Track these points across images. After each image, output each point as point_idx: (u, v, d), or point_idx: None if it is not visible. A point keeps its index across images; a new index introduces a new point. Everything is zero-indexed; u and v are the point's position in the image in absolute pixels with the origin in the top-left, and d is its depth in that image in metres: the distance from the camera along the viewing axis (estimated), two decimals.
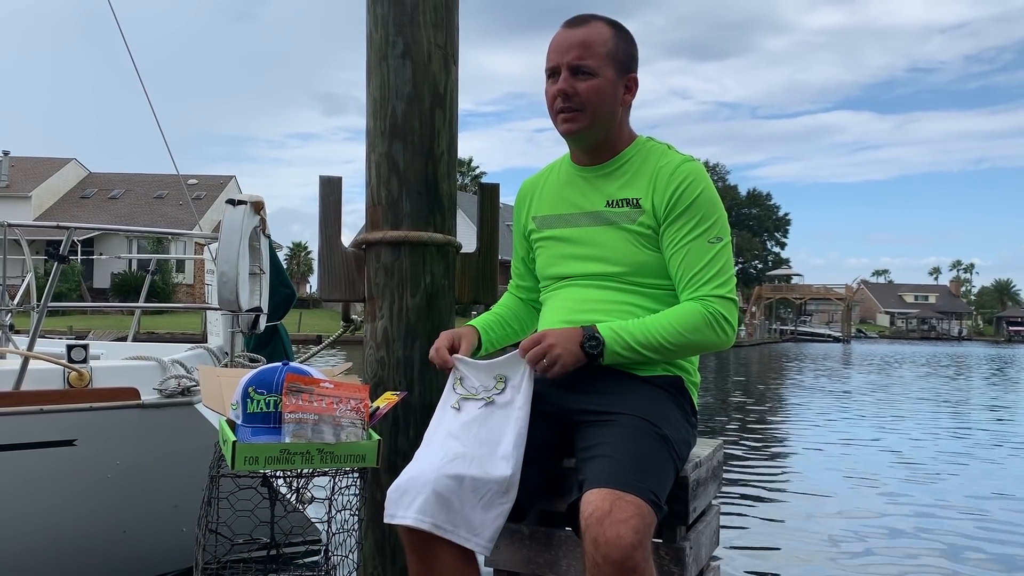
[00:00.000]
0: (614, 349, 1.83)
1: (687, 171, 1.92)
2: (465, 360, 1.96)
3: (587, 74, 1.91)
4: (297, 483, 2.11)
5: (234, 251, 3.36)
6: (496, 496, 1.74)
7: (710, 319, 1.86)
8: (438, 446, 1.81)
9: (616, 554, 1.52)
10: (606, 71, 1.92)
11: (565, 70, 1.92)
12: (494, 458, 1.77)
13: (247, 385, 1.92)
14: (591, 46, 1.91)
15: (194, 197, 40.07)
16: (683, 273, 1.90)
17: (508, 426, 1.82)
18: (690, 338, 1.85)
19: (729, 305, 1.89)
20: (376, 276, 2.44)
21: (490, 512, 1.73)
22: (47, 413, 3.30)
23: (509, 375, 1.89)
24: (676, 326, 1.85)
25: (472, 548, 1.73)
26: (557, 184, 2.11)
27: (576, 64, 1.91)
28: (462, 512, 1.72)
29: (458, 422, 1.85)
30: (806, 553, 4.80)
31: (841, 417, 12.25)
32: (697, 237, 1.90)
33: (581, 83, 1.92)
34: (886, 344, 70.46)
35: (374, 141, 2.46)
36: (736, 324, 1.92)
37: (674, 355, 1.90)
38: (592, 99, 1.92)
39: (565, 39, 1.94)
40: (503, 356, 1.94)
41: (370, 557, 2.39)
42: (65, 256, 3.67)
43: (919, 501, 6.35)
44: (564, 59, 1.92)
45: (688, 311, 1.87)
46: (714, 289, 1.88)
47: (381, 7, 2.44)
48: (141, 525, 3.71)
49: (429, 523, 1.70)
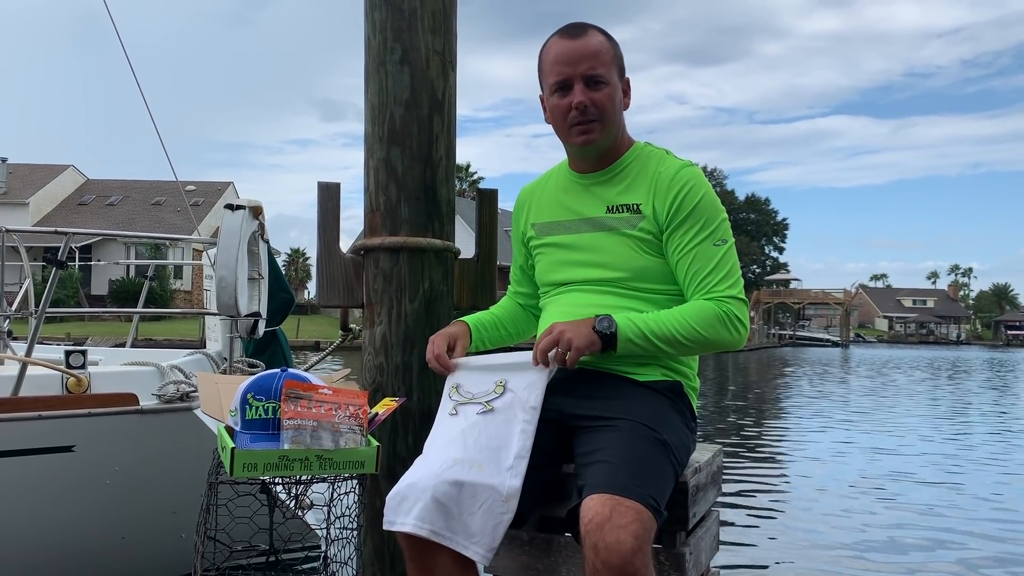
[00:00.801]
0: (627, 336, 1.82)
1: (686, 176, 1.93)
2: (464, 363, 1.95)
3: (601, 83, 1.91)
4: (296, 490, 2.10)
5: (233, 256, 3.36)
6: (495, 505, 1.73)
7: (724, 317, 1.86)
8: (437, 453, 1.81)
9: (616, 560, 1.51)
10: (613, 77, 1.94)
11: (579, 82, 1.90)
12: (496, 466, 1.76)
13: (246, 391, 1.91)
14: (599, 55, 1.91)
15: (192, 203, 40.05)
16: (692, 277, 1.90)
17: (513, 435, 1.80)
18: (704, 335, 1.85)
19: (741, 305, 1.89)
20: (375, 282, 2.44)
21: (489, 520, 1.72)
22: (45, 419, 3.29)
23: (510, 381, 1.88)
24: (691, 321, 1.85)
25: (470, 556, 1.71)
26: (556, 191, 2.11)
27: (590, 75, 1.90)
28: (460, 519, 1.71)
29: (457, 428, 1.85)
30: (806, 558, 4.80)
31: (840, 421, 12.25)
32: (703, 241, 1.90)
33: (596, 93, 1.91)
34: (884, 348, 70.51)
35: (372, 147, 2.46)
36: (748, 324, 1.92)
37: (686, 350, 1.89)
38: (607, 108, 1.92)
39: (572, 51, 1.91)
40: (507, 356, 1.92)
41: (369, 563, 2.38)
42: (63, 262, 3.66)
43: (919, 505, 6.35)
44: (577, 71, 1.90)
45: (703, 308, 1.86)
46: (727, 290, 1.88)
47: (380, 13, 2.44)
48: (140, 531, 3.70)
49: (428, 530, 1.69)
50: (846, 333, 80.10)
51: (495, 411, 1.84)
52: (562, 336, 1.79)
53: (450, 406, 1.91)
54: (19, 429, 3.26)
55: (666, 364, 1.95)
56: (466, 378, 1.93)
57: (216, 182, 44.75)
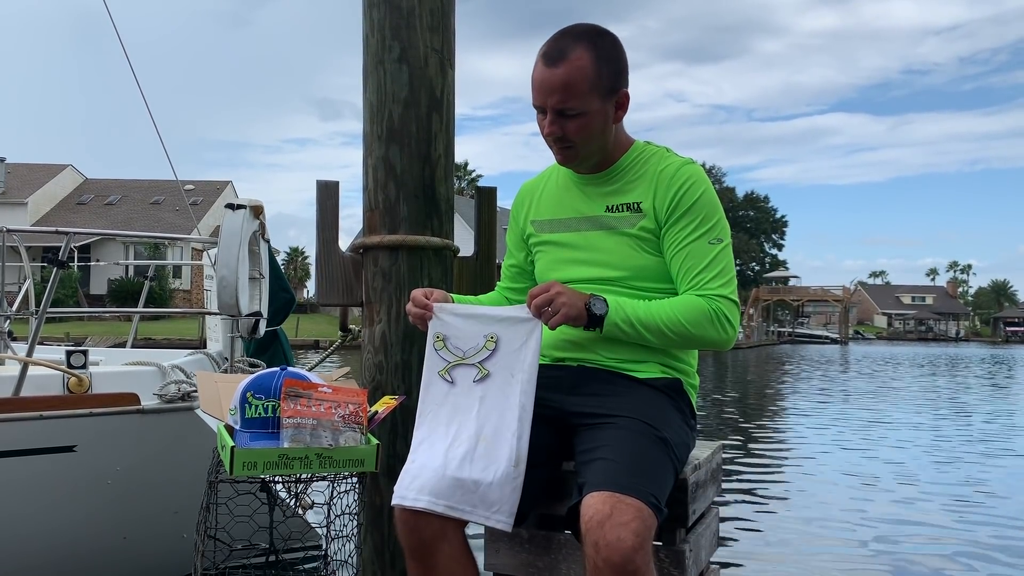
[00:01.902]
0: (615, 319, 1.82)
1: (688, 173, 1.92)
2: (449, 308, 1.88)
3: (573, 115, 1.87)
4: (296, 488, 2.11)
5: (234, 255, 3.35)
6: (508, 471, 1.73)
7: (713, 315, 1.85)
8: (442, 431, 1.81)
9: (617, 557, 1.51)
10: (591, 105, 1.87)
11: (551, 113, 1.88)
12: (501, 434, 1.77)
13: (245, 390, 1.92)
14: (571, 87, 1.84)
15: (191, 203, 40.04)
16: (685, 273, 1.90)
17: (512, 398, 1.80)
18: (690, 330, 1.84)
19: (732, 306, 1.88)
20: (374, 280, 2.44)
21: (506, 487, 1.73)
22: (47, 419, 3.29)
23: (502, 336, 1.83)
24: (679, 315, 1.84)
25: (494, 524, 1.73)
26: (556, 189, 2.10)
27: (559, 108, 1.87)
28: (477, 492, 1.72)
29: (455, 399, 1.83)
30: (805, 555, 4.80)
31: (839, 418, 12.26)
32: (698, 238, 1.89)
33: (569, 123, 1.88)
34: (883, 345, 70.54)
35: (371, 145, 2.46)
36: (738, 325, 1.91)
37: (671, 343, 1.88)
38: (583, 136, 1.90)
39: (547, 80, 1.86)
40: (494, 308, 1.88)
41: (369, 562, 2.38)
42: (64, 262, 3.66)
43: (918, 500, 6.35)
44: (548, 102, 1.87)
45: (692, 303, 1.86)
46: (718, 288, 1.87)
47: (378, 11, 2.44)
48: (141, 531, 3.70)
49: (443, 505, 1.70)
50: (845, 330, 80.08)
51: (491, 375, 1.82)
52: (556, 298, 1.78)
53: (440, 365, 1.86)
54: (20, 429, 3.26)
55: (665, 361, 1.95)
56: (452, 329, 1.87)
57: (215, 181, 44.72)
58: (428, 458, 1.76)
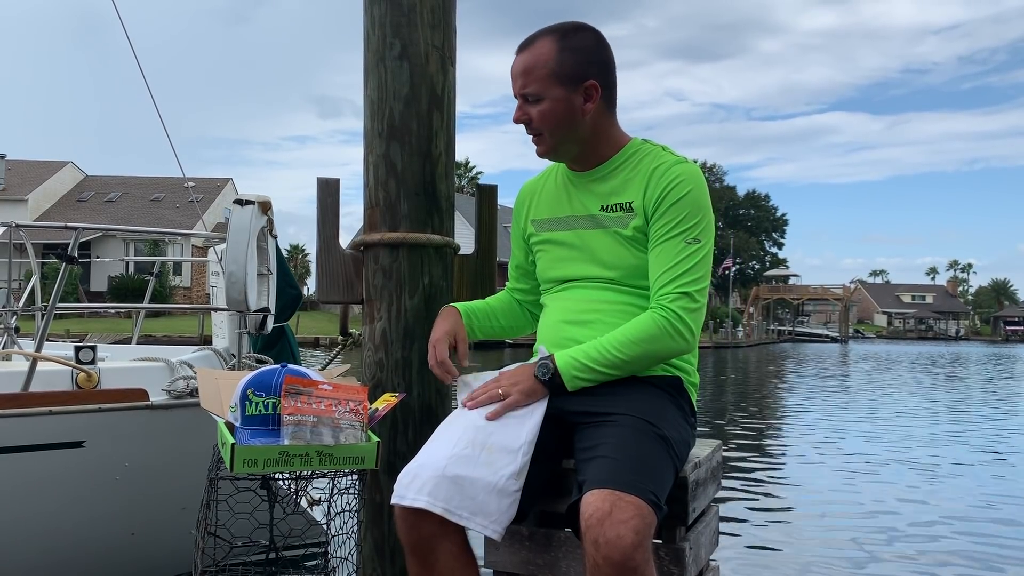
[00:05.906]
0: (571, 374, 1.84)
1: (679, 171, 1.92)
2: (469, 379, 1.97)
3: (534, 99, 1.94)
4: (296, 485, 2.11)
5: (242, 251, 3.36)
6: (509, 483, 1.74)
7: (665, 328, 1.83)
8: (449, 435, 1.82)
9: (616, 555, 1.51)
10: (551, 91, 1.91)
11: (519, 98, 1.97)
12: (507, 447, 1.77)
13: (245, 387, 1.92)
14: (531, 71, 1.92)
15: (191, 200, 40.04)
16: (655, 269, 1.89)
17: (528, 422, 1.82)
18: (646, 348, 1.83)
19: (687, 303, 1.84)
20: (374, 278, 2.44)
21: (504, 499, 1.74)
22: (56, 414, 3.29)
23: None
24: (629, 337, 1.83)
25: (488, 534, 1.74)
26: (555, 188, 2.11)
27: (522, 93, 1.95)
28: (477, 499, 1.72)
29: (471, 416, 1.85)
30: (805, 553, 4.80)
31: (839, 415, 12.26)
32: (676, 235, 1.88)
33: (532, 108, 1.95)
34: (883, 344, 70.58)
35: (372, 143, 2.46)
36: (697, 328, 1.87)
37: (634, 367, 1.86)
38: (546, 122, 1.94)
39: (513, 66, 1.97)
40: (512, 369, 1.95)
41: (369, 559, 2.38)
42: (74, 256, 3.66)
43: (919, 500, 6.36)
44: (515, 88, 1.96)
45: (640, 321, 1.85)
46: (677, 287, 1.84)
47: (378, 8, 2.44)
48: (150, 527, 3.70)
49: (441, 507, 1.70)
50: (845, 329, 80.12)
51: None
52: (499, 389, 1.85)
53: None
54: (29, 425, 3.26)
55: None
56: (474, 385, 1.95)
57: (215, 178, 44.73)
58: (429, 458, 1.76)
